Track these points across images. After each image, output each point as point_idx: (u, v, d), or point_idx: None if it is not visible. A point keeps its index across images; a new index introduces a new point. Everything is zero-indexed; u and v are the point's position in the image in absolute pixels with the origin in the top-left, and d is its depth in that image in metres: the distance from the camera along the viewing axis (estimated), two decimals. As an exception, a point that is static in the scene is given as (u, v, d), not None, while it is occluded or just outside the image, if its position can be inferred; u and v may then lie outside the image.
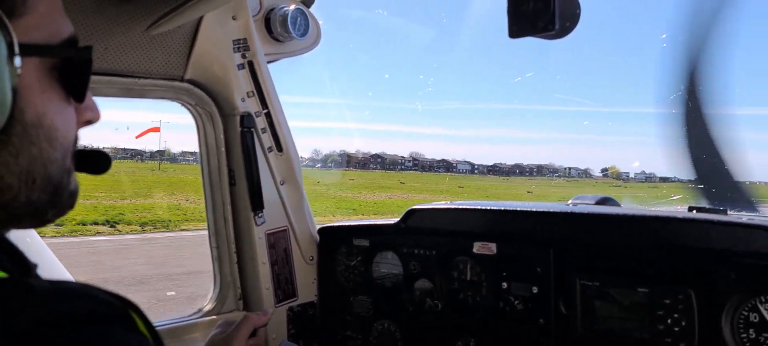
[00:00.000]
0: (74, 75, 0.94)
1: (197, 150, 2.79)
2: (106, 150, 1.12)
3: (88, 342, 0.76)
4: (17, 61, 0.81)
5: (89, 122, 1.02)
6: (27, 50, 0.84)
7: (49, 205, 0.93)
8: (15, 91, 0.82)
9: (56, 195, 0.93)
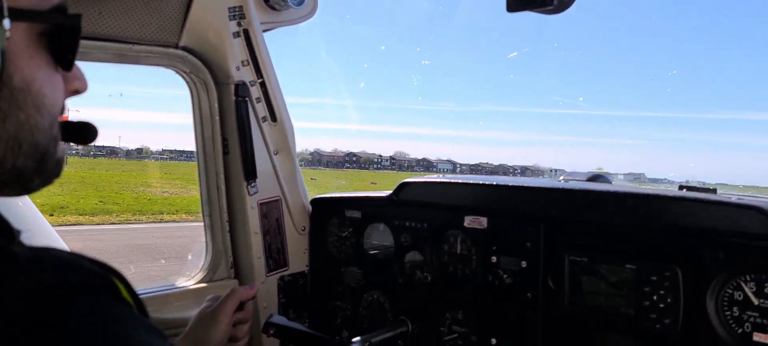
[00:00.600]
0: (62, 43, 0.94)
1: (177, 148, 2.78)
2: (78, 148, 1.11)
3: (73, 313, 0.75)
4: (6, 23, 0.82)
5: (76, 92, 1.02)
6: (16, 15, 0.84)
7: (35, 172, 0.93)
8: (3, 55, 0.82)
9: (43, 162, 0.93)
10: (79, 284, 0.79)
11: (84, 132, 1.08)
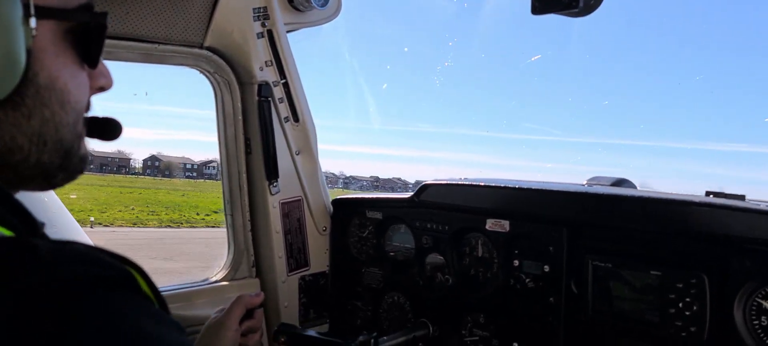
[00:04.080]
0: (88, 40, 0.95)
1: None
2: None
3: (88, 307, 0.75)
4: (33, 22, 0.83)
5: (102, 89, 1.03)
6: (42, 13, 0.85)
7: (59, 168, 0.94)
8: (29, 53, 0.83)
9: (67, 159, 0.94)
10: (95, 277, 0.79)
11: (108, 128, 1.09)
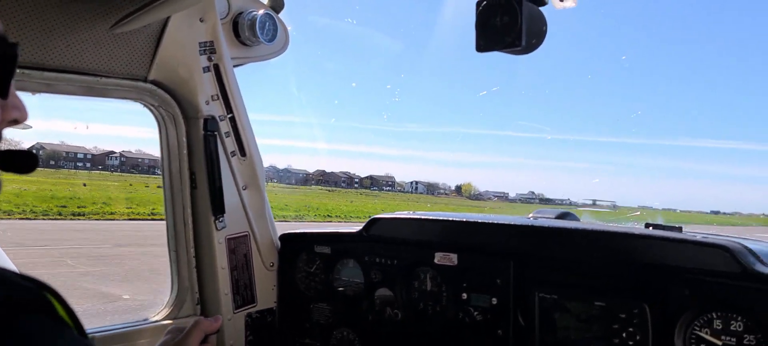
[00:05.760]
0: None
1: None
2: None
3: (2, 331, 0.74)
4: None
5: (15, 122, 0.99)
6: None
7: None
8: None
9: None
10: (6, 300, 0.77)
11: (23, 161, 1.04)
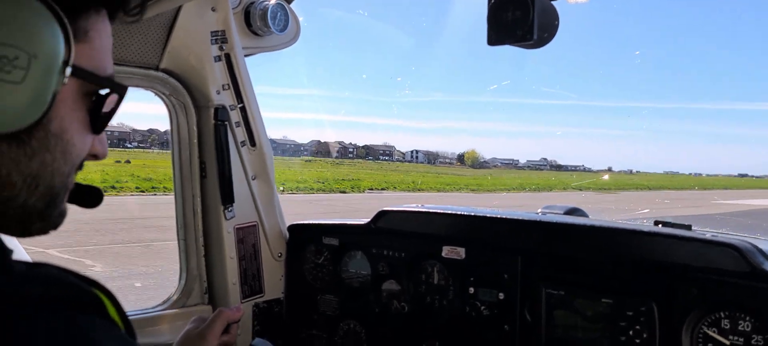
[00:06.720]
0: (102, 108, 0.99)
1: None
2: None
3: (51, 328, 0.77)
4: (68, 71, 0.86)
5: (95, 156, 1.05)
6: (77, 71, 0.89)
7: (39, 216, 0.94)
8: (54, 97, 0.86)
9: (50, 206, 0.95)
10: (58, 298, 0.81)
11: (90, 195, 1.12)
